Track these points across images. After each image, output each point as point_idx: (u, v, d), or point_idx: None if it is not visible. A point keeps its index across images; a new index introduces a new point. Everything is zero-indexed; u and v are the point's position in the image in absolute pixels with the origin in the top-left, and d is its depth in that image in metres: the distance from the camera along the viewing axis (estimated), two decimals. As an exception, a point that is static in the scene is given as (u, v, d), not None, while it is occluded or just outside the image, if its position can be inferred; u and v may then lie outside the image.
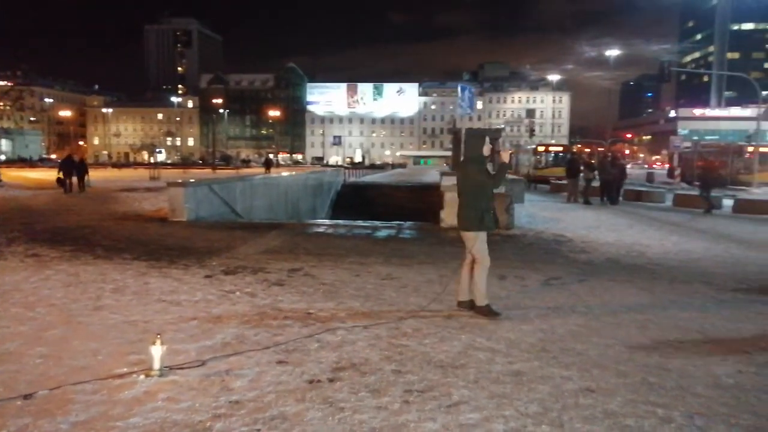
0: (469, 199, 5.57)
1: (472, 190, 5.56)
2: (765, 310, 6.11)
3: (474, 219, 5.49)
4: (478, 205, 5.49)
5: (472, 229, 5.55)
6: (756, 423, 3.38)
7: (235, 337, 4.83)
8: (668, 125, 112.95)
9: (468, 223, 5.55)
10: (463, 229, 5.63)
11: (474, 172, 5.56)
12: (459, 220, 5.69)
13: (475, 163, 5.58)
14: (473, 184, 5.55)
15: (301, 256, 8.87)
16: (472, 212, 5.50)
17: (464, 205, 5.61)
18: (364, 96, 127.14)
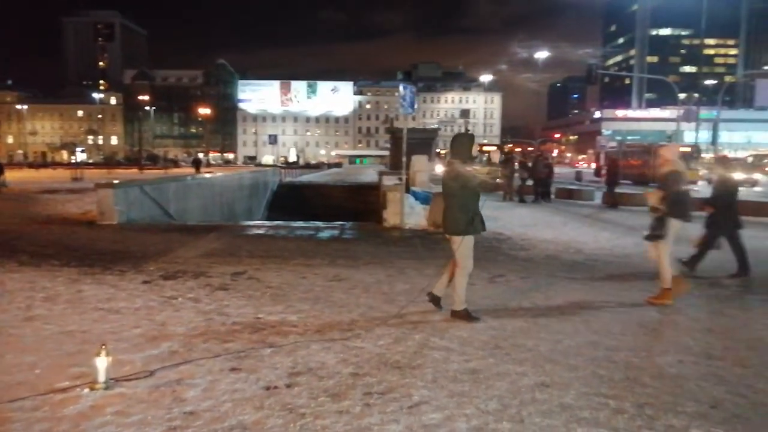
0: (458, 201, 5.42)
1: (462, 193, 5.42)
2: (695, 302, 6.45)
3: (463, 222, 5.37)
4: (468, 207, 5.38)
5: (461, 233, 5.40)
6: (699, 410, 3.55)
7: (183, 345, 4.65)
8: (593, 126, 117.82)
9: (457, 226, 5.41)
10: (452, 232, 5.46)
11: (464, 174, 5.40)
12: (447, 223, 5.51)
13: (466, 163, 5.43)
14: (463, 186, 5.38)
15: (243, 258, 8.65)
16: (462, 215, 5.37)
17: (453, 207, 5.45)
18: (297, 94, 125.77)
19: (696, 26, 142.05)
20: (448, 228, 5.52)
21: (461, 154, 5.45)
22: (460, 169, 5.37)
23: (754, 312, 5.97)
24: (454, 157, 5.48)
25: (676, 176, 6.35)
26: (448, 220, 5.49)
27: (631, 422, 3.36)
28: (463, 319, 5.42)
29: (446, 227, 5.54)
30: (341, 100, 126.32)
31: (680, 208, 6.24)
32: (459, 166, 5.39)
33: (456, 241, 5.43)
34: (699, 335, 5.14)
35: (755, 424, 3.36)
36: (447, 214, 5.52)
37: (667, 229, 6.22)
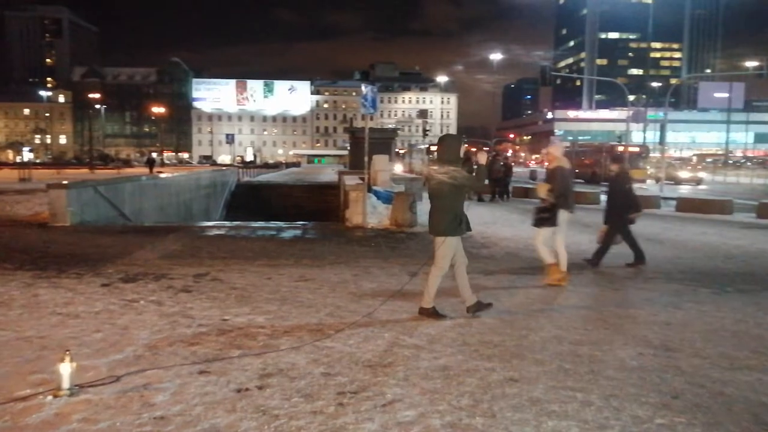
0: (447, 202, 5.36)
1: (451, 193, 5.35)
2: (651, 296, 6.68)
3: (451, 223, 5.34)
4: (456, 208, 5.36)
5: (448, 234, 5.36)
6: (662, 400, 3.68)
7: (148, 348, 4.54)
8: (546, 126, 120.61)
9: (444, 227, 5.36)
10: (439, 233, 5.40)
11: (453, 174, 5.33)
12: (434, 224, 5.43)
13: (454, 165, 5.38)
14: (452, 186, 5.31)
15: (205, 260, 8.51)
16: (450, 216, 5.33)
17: (441, 209, 5.39)
18: (254, 93, 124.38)
19: (642, 30, 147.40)
20: (434, 228, 5.45)
21: (450, 155, 5.42)
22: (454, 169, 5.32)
23: (707, 305, 6.22)
24: (443, 157, 5.45)
25: (562, 171, 7.11)
26: (436, 220, 5.42)
27: (598, 414, 3.47)
28: (430, 316, 5.46)
29: (433, 227, 5.47)
30: (298, 100, 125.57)
31: (565, 200, 7.03)
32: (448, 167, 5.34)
33: (439, 241, 5.41)
34: (657, 328, 5.32)
35: (715, 412, 3.50)
36: (435, 214, 5.44)
37: (556, 218, 7.02)
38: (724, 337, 5.07)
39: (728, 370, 4.25)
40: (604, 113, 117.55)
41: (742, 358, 4.54)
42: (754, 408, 3.59)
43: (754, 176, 41.59)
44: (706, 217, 15.48)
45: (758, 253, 9.72)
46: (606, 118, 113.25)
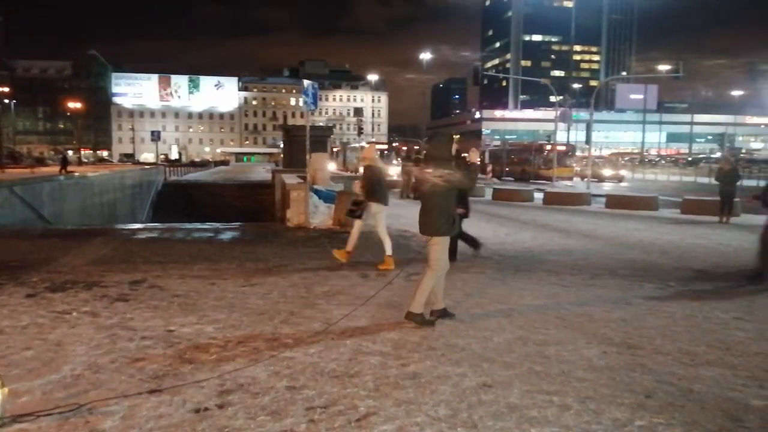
0: (440, 202, 5.14)
1: (444, 193, 5.13)
2: (602, 293, 6.78)
3: (446, 223, 5.13)
4: (449, 208, 5.17)
5: (443, 233, 5.17)
6: (636, 400, 3.66)
7: (88, 366, 4.11)
8: (474, 125, 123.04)
9: (440, 227, 5.15)
10: (436, 233, 5.17)
11: (447, 173, 5.10)
12: (429, 225, 5.19)
13: (445, 164, 5.16)
14: (445, 186, 5.10)
15: (139, 265, 7.96)
16: (444, 216, 5.12)
17: (435, 209, 5.15)
18: (179, 89, 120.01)
19: (564, 34, 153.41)
20: (428, 228, 5.21)
21: (442, 154, 5.21)
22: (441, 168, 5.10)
23: (655, 301, 6.35)
24: (435, 156, 5.21)
25: (372, 171, 8.09)
26: (432, 222, 5.17)
27: (578, 418, 3.39)
28: (419, 323, 5.18)
29: (426, 227, 5.22)
30: (226, 96, 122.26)
31: (378, 196, 8.02)
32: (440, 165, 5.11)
33: (438, 242, 5.19)
34: (614, 325, 5.37)
35: (689, 411, 3.51)
36: (429, 215, 5.18)
37: (367, 211, 8.15)
38: (678, 333, 5.16)
39: (691, 366, 4.30)
40: (530, 113, 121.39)
41: (700, 353, 4.62)
42: (723, 404, 3.63)
43: (670, 174, 44.07)
44: (634, 213, 16.12)
45: (690, 248, 10.14)
46: (531, 118, 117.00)
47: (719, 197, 14.80)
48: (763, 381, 4.03)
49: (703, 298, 6.51)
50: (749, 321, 5.57)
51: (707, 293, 6.76)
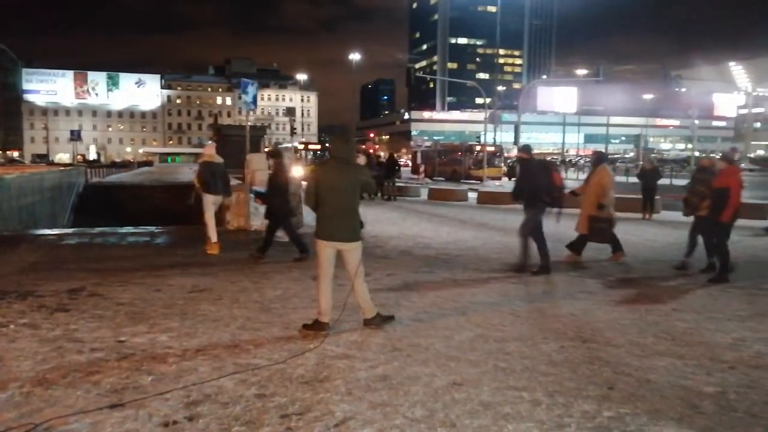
0: (351, 204, 4.96)
1: (355, 194, 5.00)
2: (548, 288, 7.03)
3: (358, 227, 5.02)
4: (357, 210, 5.03)
5: (359, 238, 5.01)
6: (601, 392, 3.81)
7: (37, 383, 3.85)
8: (403, 126, 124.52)
9: (354, 232, 4.98)
10: (352, 239, 4.95)
11: (354, 174, 4.99)
12: (343, 230, 4.91)
13: (351, 165, 5.05)
14: (354, 187, 4.98)
15: (74, 273, 7.53)
16: (356, 220, 4.99)
17: (348, 212, 4.94)
18: (96, 86, 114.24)
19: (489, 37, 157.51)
20: (347, 236, 4.93)
21: (347, 152, 5.15)
22: (350, 169, 5.03)
23: (599, 295, 6.64)
24: (339, 155, 5.11)
25: (209, 165, 8.95)
26: (346, 227, 4.93)
27: (550, 412, 3.49)
28: (381, 323, 5.16)
29: (343, 236, 4.92)
30: (148, 94, 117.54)
31: (210, 188, 8.88)
32: (347, 166, 5.03)
33: (355, 247, 4.99)
34: (566, 320, 5.56)
35: (651, 400, 3.68)
36: (342, 221, 4.91)
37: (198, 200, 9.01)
38: (626, 325, 5.42)
39: (644, 358, 4.52)
40: (457, 114, 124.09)
41: (649, 344, 4.86)
42: (679, 392, 3.84)
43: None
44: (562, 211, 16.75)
45: (625, 244, 10.64)
46: (459, 119, 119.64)
47: (641, 195, 15.65)
48: (710, 369, 4.29)
49: (643, 291, 6.87)
50: (687, 312, 5.92)
51: (645, 287, 7.12)
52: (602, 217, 8.52)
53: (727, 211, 7.27)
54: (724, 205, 7.26)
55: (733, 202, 7.26)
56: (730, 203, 7.24)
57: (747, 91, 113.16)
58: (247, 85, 11.06)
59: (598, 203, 8.48)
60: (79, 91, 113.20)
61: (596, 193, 8.57)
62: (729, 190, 7.27)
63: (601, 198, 8.49)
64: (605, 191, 8.51)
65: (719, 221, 7.35)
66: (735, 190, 7.30)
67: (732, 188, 7.28)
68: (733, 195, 7.26)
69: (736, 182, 7.39)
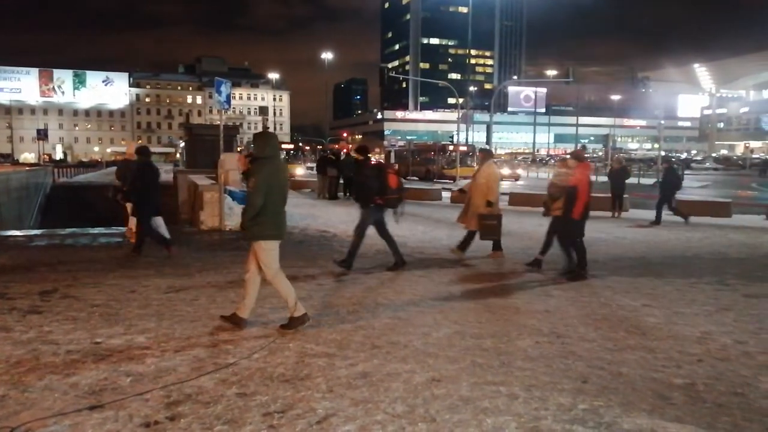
0: (282, 202, 5.04)
1: (282, 193, 5.05)
2: (522, 285, 7.14)
3: (256, 225, 4.93)
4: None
5: (265, 238, 4.94)
6: (575, 386, 3.91)
7: (12, 386, 3.79)
8: (376, 126, 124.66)
9: (284, 229, 5.11)
10: (281, 237, 5.07)
11: (284, 172, 5.16)
12: (277, 227, 4.98)
13: (281, 163, 5.10)
14: (284, 186, 5.09)
15: (46, 274, 7.40)
16: (285, 218, 5.09)
17: (280, 211, 5.02)
18: (62, 84, 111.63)
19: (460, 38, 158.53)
20: (282, 234, 5.07)
21: (272, 151, 5.01)
22: (281, 167, 5.08)
23: (571, 292, 6.79)
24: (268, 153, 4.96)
25: (130, 164, 9.15)
26: (280, 224, 5.05)
27: (527, 405, 3.58)
28: (295, 327, 5.01)
29: (277, 233, 5.01)
30: (116, 93, 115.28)
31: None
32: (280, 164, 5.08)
33: (276, 247, 5.03)
34: (540, 316, 5.68)
35: (623, 393, 3.80)
36: (276, 218, 4.98)
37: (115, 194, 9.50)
38: (597, 321, 5.56)
39: (616, 351, 4.65)
40: (429, 114, 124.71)
41: (620, 339, 5.00)
42: (650, 384, 3.96)
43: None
44: (535, 210, 17.00)
45: (593, 241, 10.80)
46: (431, 119, 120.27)
47: (611, 194, 15.97)
48: (680, 362, 4.44)
49: (613, 287, 7.03)
50: (657, 307, 6.09)
51: (616, 283, 7.29)
52: (491, 214, 8.54)
53: (576, 208, 7.30)
54: (574, 203, 7.30)
55: (582, 200, 7.27)
56: (579, 201, 7.27)
57: (711, 92, 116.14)
58: (221, 84, 10.97)
59: (487, 201, 8.48)
60: (45, 89, 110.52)
61: (484, 191, 8.56)
62: (577, 188, 7.28)
63: (489, 195, 8.51)
64: (492, 188, 8.54)
65: (570, 219, 7.40)
66: (583, 188, 7.31)
67: (580, 186, 7.29)
68: (581, 192, 7.28)
69: (584, 180, 7.39)
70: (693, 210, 15.51)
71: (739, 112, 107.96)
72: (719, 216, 15.04)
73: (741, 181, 38.48)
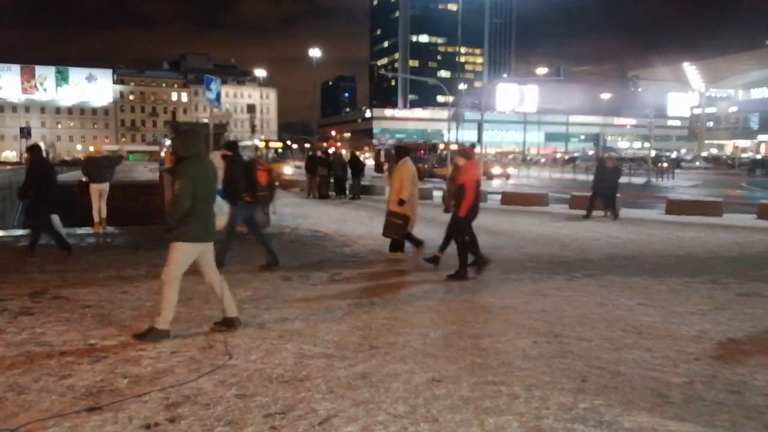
0: (209, 202, 4.84)
1: (208, 192, 4.83)
2: (518, 285, 7.14)
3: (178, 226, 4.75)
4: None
5: (179, 239, 4.76)
6: (575, 385, 3.92)
7: (8, 388, 3.74)
8: (365, 124, 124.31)
9: (211, 231, 4.93)
10: (208, 239, 4.90)
11: (212, 171, 4.85)
12: (204, 228, 4.80)
13: (207, 162, 4.83)
14: (213, 185, 4.87)
15: (35, 275, 7.30)
16: (213, 219, 4.92)
17: (208, 211, 4.82)
18: (44, 81, 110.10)
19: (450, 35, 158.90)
20: (212, 236, 4.97)
21: (196, 149, 4.83)
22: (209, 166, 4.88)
23: (567, 291, 6.80)
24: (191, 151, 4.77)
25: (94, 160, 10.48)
26: (211, 224, 4.95)
27: (528, 405, 3.58)
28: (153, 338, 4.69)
29: (209, 236, 4.91)
30: (99, 90, 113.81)
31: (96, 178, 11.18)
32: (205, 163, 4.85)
33: (212, 248, 5.02)
34: (537, 316, 5.69)
35: (623, 392, 3.81)
36: (207, 218, 4.87)
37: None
38: (594, 320, 5.58)
39: (613, 351, 4.67)
40: (419, 112, 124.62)
41: (617, 338, 5.02)
42: (649, 383, 3.98)
43: (551, 171, 47.17)
44: (527, 209, 17.09)
45: (585, 241, 10.93)
46: (421, 117, 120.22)
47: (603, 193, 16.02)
48: (677, 360, 4.46)
49: (608, 287, 7.06)
50: (652, 306, 6.12)
51: (611, 282, 7.32)
52: (399, 213, 8.27)
53: (463, 206, 7.25)
54: (462, 201, 7.26)
55: (469, 198, 7.21)
56: (466, 199, 7.22)
57: (700, 91, 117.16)
58: (211, 82, 10.92)
59: (399, 199, 8.23)
60: (27, 86, 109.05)
61: (397, 189, 8.28)
62: (465, 186, 7.23)
63: (401, 193, 8.22)
64: (405, 186, 8.22)
65: (457, 216, 7.37)
66: (470, 185, 7.23)
67: (467, 184, 7.23)
68: (467, 190, 7.22)
69: (470, 178, 7.29)
70: (685, 209, 15.66)
71: (728, 111, 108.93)
72: (710, 215, 15.16)
73: (730, 180, 38.87)
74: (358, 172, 20.46)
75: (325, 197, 19.61)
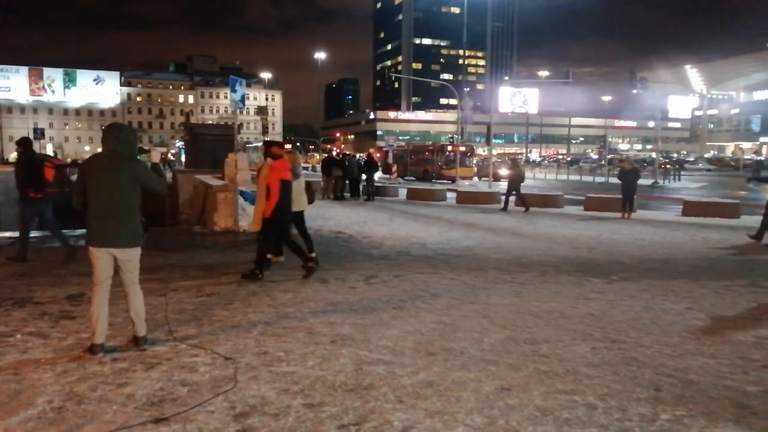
0: (127, 204, 4.38)
1: (129, 193, 4.39)
2: (558, 289, 7.00)
3: (138, 231, 4.48)
4: (135, 211, 4.47)
5: (138, 244, 4.50)
6: (650, 394, 3.79)
7: (66, 397, 3.62)
8: (369, 126, 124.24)
9: (133, 236, 4.44)
10: (132, 245, 4.45)
11: (131, 170, 4.37)
12: (123, 234, 4.37)
13: (127, 160, 4.39)
14: (130, 185, 4.38)
15: (68, 277, 7.20)
16: (135, 222, 4.45)
17: (123, 213, 4.36)
18: (52, 83, 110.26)
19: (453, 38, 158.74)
20: (125, 241, 4.40)
21: (129, 148, 4.48)
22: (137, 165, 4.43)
23: (609, 294, 6.66)
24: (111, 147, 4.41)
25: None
26: (128, 230, 4.40)
27: (609, 416, 3.45)
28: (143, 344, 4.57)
29: (121, 241, 4.38)
30: (107, 92, 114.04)
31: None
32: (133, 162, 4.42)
33: (137, 255, 4.56)
34: (587, 320, 5.56)
35: (700, 402, 3.68)
36: (125, 223, 4.38)
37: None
38: (647, 325, 5.44)
39: (677, 357, 4.54)
40: (422, 114, 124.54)
41: (676, 344, 4.89)
42: (725, 392, 3.85)
43: (557, 173, 47.01)
44: (544, 210, 16.96)
45: (612, 243, 10.80)
46: (424, 119, 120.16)
47: (621, 195, 15.91)
48: (745, 368, 4.33)
49: (649, 290, 6.92)
50: (699, 311, 5.99)
51: (650, 286, 7.17)
52: None
53: (268, 206, 7.02)
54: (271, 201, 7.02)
55: (273, 198, 6.98)
56: (271, 199, 6.99)
57: (702, 93, 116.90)
58: (236, 83, 10.80)
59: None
60: (35, 87, 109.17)
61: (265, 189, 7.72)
62: (270, 188, 7.00)
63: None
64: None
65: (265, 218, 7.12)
66: (274, 186, 6.97)
67: (272, 186, 6.98)
68: (272, 191, 6.98)
69: (275, 178, 6.99)
70: (702, 211, 15.50)
71: (730, 113, 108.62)
72: (728, 217, 15.01)
73: (736, 182, 38.64)
74: (372, 173, 20.37)
75: (340, 198, 19.51)
